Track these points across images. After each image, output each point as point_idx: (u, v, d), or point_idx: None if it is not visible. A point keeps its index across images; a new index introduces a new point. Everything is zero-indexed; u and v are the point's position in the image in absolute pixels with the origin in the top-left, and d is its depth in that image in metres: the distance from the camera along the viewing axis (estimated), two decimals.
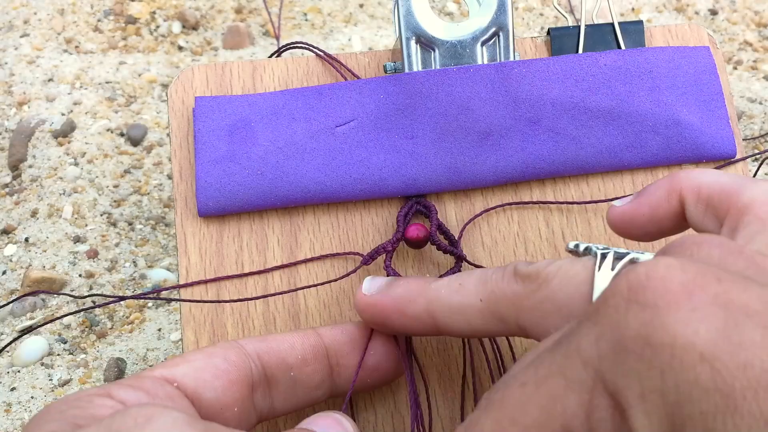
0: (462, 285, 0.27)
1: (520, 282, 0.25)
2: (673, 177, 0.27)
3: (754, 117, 0.55)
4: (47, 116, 0.54)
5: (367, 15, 0.60)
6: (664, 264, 0.19)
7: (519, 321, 0.25)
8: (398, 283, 0.29)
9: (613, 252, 0.24)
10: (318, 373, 0.28)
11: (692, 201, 0.26)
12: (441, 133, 0.34)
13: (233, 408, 0.26)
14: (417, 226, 0.33)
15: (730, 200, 0.25)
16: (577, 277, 0.24)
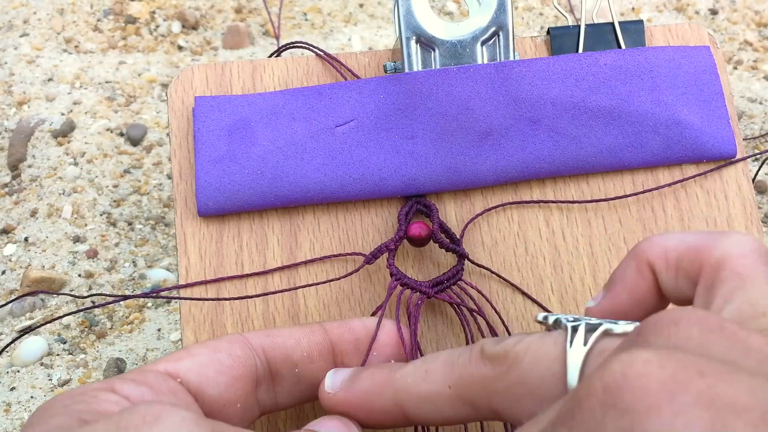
0: (428, 372, 0.25)
1: (489, 364, 0.24)
2: (637, 250, 0.25)
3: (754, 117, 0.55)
4: (47, 116, 0.53)
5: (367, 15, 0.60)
6: (641, 360, 0.17)
7: (491, 405, 0.24)
8: (362, 376, 0.27)
9: (584, 324, 0.23)
10: (322, 370, 0.28)
11: (662, 268, 0.24)
12: (441, 133, 0.34)
13: (236, 404, 0.25)
14: (419, 224, 0.33)
15: (701, 258, 0.23)
16: (548, 356, 0.22)
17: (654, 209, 0.35)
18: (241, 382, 0.26)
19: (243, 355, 0.26)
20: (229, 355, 0.26)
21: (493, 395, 0.23)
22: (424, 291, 0.32)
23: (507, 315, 0.34)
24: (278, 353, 0.27)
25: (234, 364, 0.26)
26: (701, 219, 0.35)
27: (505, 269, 0.34)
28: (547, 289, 0.34)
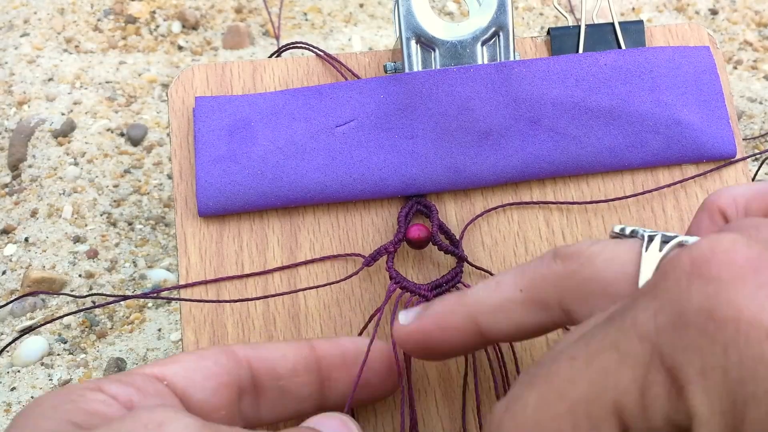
0: (499, 282, 0.26)
1: (561, 262, 0.24)
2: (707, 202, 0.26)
3: (754, 117, 0.55)
4: (47, 116, 0.54)
5: (367, 15, 0.60)
6: (729, 239, 0.19)
7: (563, 304, 0.24)
8: (434, 302, 0.28)
9: (660, 235, 0.23)
10: (308, 385, 0.28)
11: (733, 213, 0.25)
12: (441, 133, 0.34)
13: (221, 411, 0.25)
14: (418, 227, 0.33)
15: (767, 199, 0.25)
16: (622, 257, 0.23)
17: (654, 209, 0.35)
18: (226, 390, 0.26)
19: (229, 363, 0.26)
20: (216, 363, 0.26)
21: (564, 292, 0.24)
22: (423, 294, 0.32)
23: None
24: (263, 365, 0.27)
25: (220, 371, 0.26)
26: None
27: (505, 269, 0.34)
28: None
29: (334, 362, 0.28)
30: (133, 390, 0.23)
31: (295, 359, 0.28)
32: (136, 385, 0.24)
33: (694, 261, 0.18)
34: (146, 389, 0.24)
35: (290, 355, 0.28)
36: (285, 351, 0.28)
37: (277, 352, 0.27)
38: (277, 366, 0.27)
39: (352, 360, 0.28)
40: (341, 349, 0.28)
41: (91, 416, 0.22)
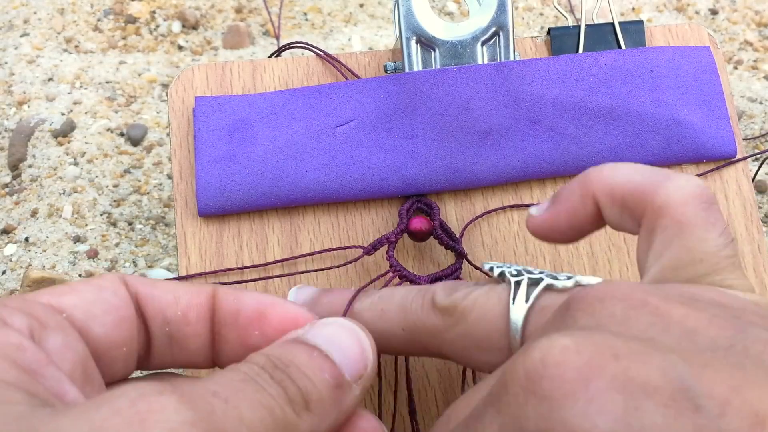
0: (384, 311, 0.26)
1: (439, 315, 0.25)
2: (585, 179, 0.26)
3: (754, 117, 0.55)
4: (47, 116, 0.54)
5: (367, 15, 0.60)
6: (560, 347, 0.18)
7: (441, 352, 0.25)
8: (326, 295, 0.28)
9: (526, 279, 0.24)
10: (199, 336, 0.25)
11: (607, 203, 0.25)
12: (441, 133, 0.34)
13: (122, 348, 0.23)
14: (420, 219, 0.33)
15: (645, 201, 0.24)
16: (493, 311, 0.24)
17: None
18: (127, 324, 0.23)
19: (125, 297, 0.24)
20: (115, 294, 0.23)
21: (442, 344, 0.25)
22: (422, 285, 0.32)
23: None
24: (150, 305, 0.24)
25: (120, 304, 0.23)
26: None
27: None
28: None
29: (225, 318, 0.25)
30: (34, 321, 0.21)
31: (188, 306, 0.25)
32: (37, 317, 0.21)
33: (528, 376, 0.18)
34: (47, 322, 0.22)
35: (183, 299, 0.25)
36: (179, 294, 0.25)
37: (169, 295, 0.25)
38: (166, 309, 0.24)
39: (246, 320, 0.25)
40: (237, 305, 0.25)
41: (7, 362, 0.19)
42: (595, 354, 0.18)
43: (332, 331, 0.23)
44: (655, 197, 0.23)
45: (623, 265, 0.34)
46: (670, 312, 0.20)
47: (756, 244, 0.35)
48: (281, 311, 0.25)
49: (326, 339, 0.23)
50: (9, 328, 0.20)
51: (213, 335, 0.25)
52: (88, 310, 0.23)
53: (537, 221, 0.27)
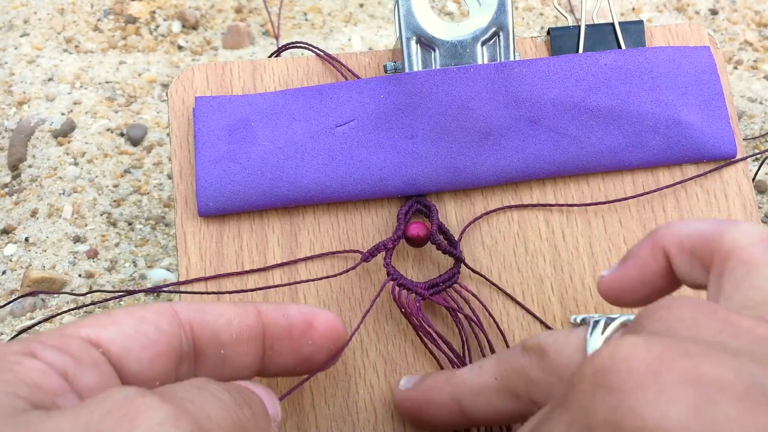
0: (481, 367, 0.28)
1: (526, 355, 0.26)
2: (654, 234, 0.26)
3: (754, 117, 0.55)
4: (47, 116, 0.53)
5: (367, 15, 0.60)
6: (628, 343, 0.19)
7: (530, 394, 0.26)
8: (428, 376, 0.30)
9: (605, 318, 0.24)
10: (249, 354, 0.26)
11: (677, 255, 0.25)
12: (441, 133, 0.34)
13: (155, 382, 0.24)
14: (418, 225, 0.33)
15: (712, 248, 0.24)
16: (571, 345, 0.25)
17: (654, 209, 0.35)
18: (164, 360, 0.24)
19: (170, 330, 0.24)
20: (156, 329, 0.24)
21: (530, 384, 0.26)
22: (420, 292, 0.32)
23: (503, 319, 0.34)
24: (206, 331, 0.25)
25: (159, 339, 0.24)
26: None
27: (505, 269, 0.34)
28: (547, 289, 0.34)
29: (279, 333, 0.27)
30: (68, 358, 0.22)
31: (240, 327, 0.26)
32: (71, 352, 0.22)
33: (596, 371, 0.19)
34: (82, 357, 0.22)
35: (235, 322, 0.26)
36: (230, 317, 0.26)
37: (222, 318, 0.26)
38: (220, 333, 0.26)
39: (299, 332, 0.27)
40: (288, 320, 0.27)
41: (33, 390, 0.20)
42: (665, 350, 0.18)
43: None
44: (723, 242, 0.24)
45: None
46: (740, 321, 0.20)
47: None
48: (324, 320, 0.27)
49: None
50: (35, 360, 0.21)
51: (264, 351, 0.27)
52: (126, 346, 0.23)
53: (608, 280, 0.27)
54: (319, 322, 0.27)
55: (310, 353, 0.27)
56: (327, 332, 0.28)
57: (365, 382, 0.33)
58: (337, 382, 0.33)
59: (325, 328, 0.28)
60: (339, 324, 0.28)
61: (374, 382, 0.33)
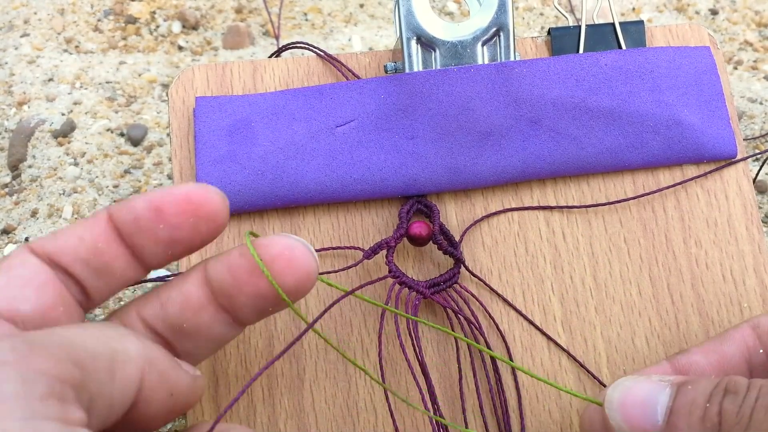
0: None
1: None
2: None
3: (754, 117, 0.55)
4: (47, 116, 0.53)
5: (368, 15, 0.60)
6: None
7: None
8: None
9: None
10: (117, 258, 0.26)
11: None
12: (441, 133, 0.34)
13: (58, 308, 0.24)
14: (420, 224, 0.33)
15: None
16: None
17: (654, 209, 0.35)
18: (49, 287, 0.24)
19: (35, 265, 0.25)
20: (23, 267, 0.24)
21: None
22: (421, 291, 0.32)
23: (503, 319, 0.34)
24: (65, 257, 0.25)
25: (32, 274, 0.24)
26: (702, 219, 0.35)
27: (506, 269, 0.34)
28: (548, 289, 0.34)
29: (131, 229, 0.26)
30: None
31: (93, 239, 0.25)
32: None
33: None
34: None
35: (87, 236, 0.25)
36: (81, 233, 0.26)
37: (73, 237, 0.26)
38: (78, 252, 0.25)
39: (146, 220, 0.26)
40: (133, 213, 0.26)
41: None
42: None
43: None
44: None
45: (623, 265, 0.34)
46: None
47: (756, 244, 0.35)
48: (176, 197, 0.26)
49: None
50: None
51: (131, 249, 0.26)
52: (4, 296, 0.24)
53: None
54: (167, 201, 0.26)
55: (170, 237, 0.26)
56: (180, 210, 0.26)
57: (365, 383, 0.33)
58: (338, 383, 0.33)
59: (177, 205, 0.26)
60: (198, 194, 0.26)
61: (374, 382, 0.33)
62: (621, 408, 0.27)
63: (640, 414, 0.26)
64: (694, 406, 0.25)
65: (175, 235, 0.26)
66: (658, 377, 0.27)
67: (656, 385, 0.27)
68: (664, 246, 0.35)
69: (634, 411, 0.26)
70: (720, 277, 0.34)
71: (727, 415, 0.24)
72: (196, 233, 0.26)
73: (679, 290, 0.34)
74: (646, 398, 0.26)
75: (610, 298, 0.34)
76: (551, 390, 0.33)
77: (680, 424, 0.25)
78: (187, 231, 0.26)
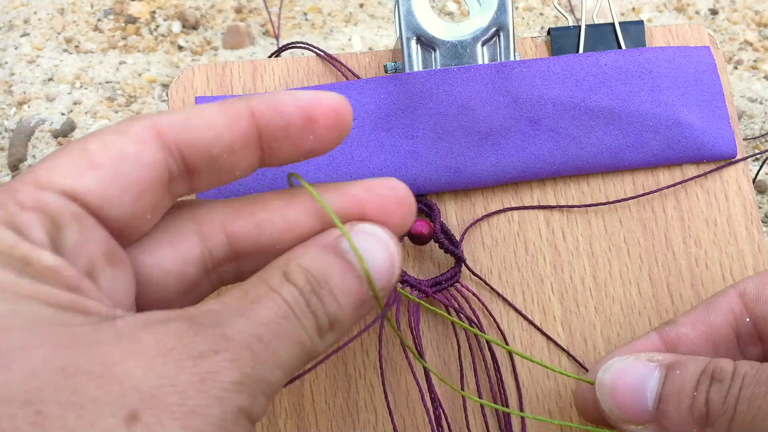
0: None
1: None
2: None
3: (754, 117, 0.55)
4: (47, 116, 0.54)
5: (367, 15, 0.60)
6: None
7: None
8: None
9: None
10: (246, 160, 0.24)
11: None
12: (441, 133, 0.34)
13: (145, 215, 0.23)
14: (422, 222, 0.33)
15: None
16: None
17: (654, 209, 0.35)
18: (150, 194, 0.22)
19: (153, 160, 0.22)
20: (137, 164, 0.22)
21: None
22: (423, 290, 0.32)
23: (503, 319, 0.34)
24: (195, 151, 0.23)
25: (142, 175, 0.22)
26: (701, 219, 0.35)
27: (506, 269, 0.34)
28: (548, 289, 0.34)
29: (276, 134, 0.24)
30: (49, 222, 0.20)
31: (232, 138, 0.23)
32: (50, 212, 0.21)
33: None
34: (62, 218, 0.21)
35: (226, 135, 0.23)
36: (220, 130, 0.23)
37: (212, 131, 0.23)
38: (211, 148, 0.23)
39: (297, 129, 0.24)
40: (285, 119, 0.24)
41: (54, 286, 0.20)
42: None
43: (366, 244, 0.23)
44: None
45: (623, 265, 0.34)
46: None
47: (756, 244, 0.35)
48: (326, 108, 0.24)
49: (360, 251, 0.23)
50: (34, 245, 0.20)
51: (263, 152, 0.24)
52: (105, 194, 0.22)
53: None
54: (320, 112, 0.24)
55: (312, 147, 0.25)
56: (330, 122, 0.24)
57: (365, 382, 0.33)
58: (338, 382, 0.33)
59: (328, 117, 0.24)
60: (343, 107, 0.24)
61: (374, 382, 0.33)
62: (611, 393, 0.27)
63: (631, 400, 0.27)
64: (683, 394, 0.25)
65: (315, 146, 0.24)
66: (647, 356, 0.28)
67: (646, 367, 0.27)
68: (664, 246, 0.35)
69: (624, 397, 0.27)
70: (720, 277, 0.34)
71: (713, 405, 0.25)
72: (330, 145, 0.25)
73: (678, 290, 0.34)
74: (636, 383, 0.27)
75: (609, 298, 0.34)
76: (551, 390, 0.33)
77: (670, 412, 0.26)
78: (328, 143, 0.25)
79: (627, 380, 0.27)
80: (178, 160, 0.23)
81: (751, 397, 0.24)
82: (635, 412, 0.26)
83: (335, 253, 0.23)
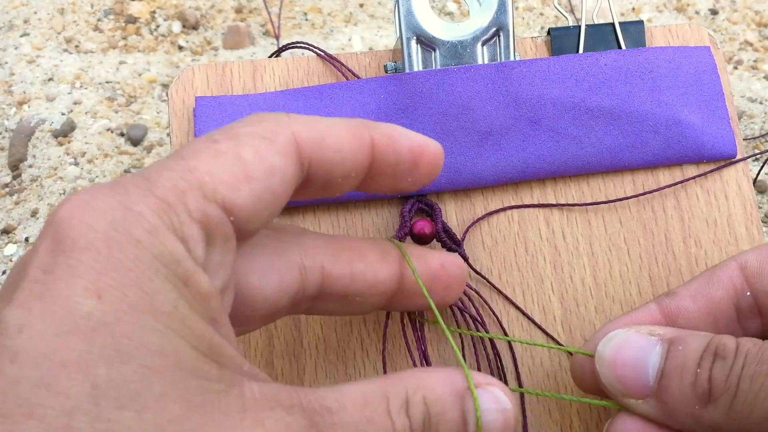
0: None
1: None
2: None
3: (754, 117, 0.55)
4: (47, 116, 0.54)
5: (367, 15, 0.60)
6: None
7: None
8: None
9: None
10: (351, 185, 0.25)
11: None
12: (441, 133, 0.34)
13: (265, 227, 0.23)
14: (424, 222, 0.33)
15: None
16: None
17: (654, 209, 0.35)
18: (280, 208, 0.23)
19: (293, 176, 0.22)
20: (282, 179, 0.22)
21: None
22: None
23: (504, 318, 0.34)
24: (320, 170, 0.24)
25: (285, 191, 0.22)
26: (701, 219, 0.35)
27: (506, 269, 0.34)
28: (548, 289, 0.34)
29: (385, 169, 0.25)
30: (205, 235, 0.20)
31: (355, 164, 0.24)
32: (208, 226, 0.20)
33: None
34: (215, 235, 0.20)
35: (349, 161, 0.24)
36: (345, 155, 0.24)
37: (339, 155, 0.24)
38: (333, 170, 0.24)
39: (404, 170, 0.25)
40: (398, 158, 0.25)
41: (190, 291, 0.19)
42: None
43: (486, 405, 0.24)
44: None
45: (623, 265, 0.34)
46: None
47: (756, 245, 0.35)
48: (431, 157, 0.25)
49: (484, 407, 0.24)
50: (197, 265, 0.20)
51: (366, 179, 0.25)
52: (254, 209, 0.21)
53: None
54: (425, 158, 0.25)
55: (403, 187, 0.26)
56: (428, 169, 0.26)
57: None
58: (337, 382, 0.33)
59: (428, 164, 0.26)
60: (441, 157, 0.26)
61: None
62: (612, 366, 0.27)
63: (632, 374, 0.26)
64: (685, 370, 0.25)
65: (406, 186, 0.26)
66: (647, 329, 0.27)
67: (647, 342, 0.26)
68: (664, 246, 0.35)
69: (625, 371, 0.26)
70: None
71: (716, 382, 0.25)
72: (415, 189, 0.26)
73: None
74: (638, 358, 0.26)
75: (609, 297, 0.34)
76: (551, 390, 0.33)
77: (672, 388, 0.25)
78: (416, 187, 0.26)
79: (628, 354, 0.26)
80: (304, 175, 0.23)
81: (754, 375, 0.24)
82: (636, 386, 0.26)
83: (459, 407, 0.23)
